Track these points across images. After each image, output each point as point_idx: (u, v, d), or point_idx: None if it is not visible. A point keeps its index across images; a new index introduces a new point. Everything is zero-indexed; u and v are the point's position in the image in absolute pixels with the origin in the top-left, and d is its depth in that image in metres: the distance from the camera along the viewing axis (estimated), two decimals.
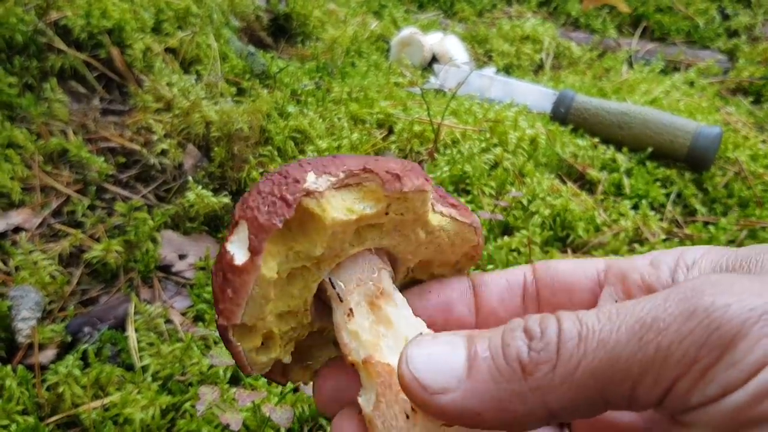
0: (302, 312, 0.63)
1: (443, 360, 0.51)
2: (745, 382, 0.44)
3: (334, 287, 0.61)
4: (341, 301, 0.61)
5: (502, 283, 0.65)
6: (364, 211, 0.59)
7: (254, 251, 0.55)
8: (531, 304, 0.64)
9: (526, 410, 0.48)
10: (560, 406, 0.48)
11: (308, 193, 0.56)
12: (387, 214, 0.60)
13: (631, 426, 0.60)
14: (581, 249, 1.58)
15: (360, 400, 0.58)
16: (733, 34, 2.82)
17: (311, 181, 0.56)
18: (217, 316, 0.59)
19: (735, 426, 0.45)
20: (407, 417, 0.55)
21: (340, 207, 0.58)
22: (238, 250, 0.56)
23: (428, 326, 0.61)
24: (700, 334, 0.45)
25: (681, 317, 0.45)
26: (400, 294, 0.62)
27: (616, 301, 0.54)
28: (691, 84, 2.37)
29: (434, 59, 2.34)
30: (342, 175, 0.57)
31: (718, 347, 0.44)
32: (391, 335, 0.59)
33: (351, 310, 0.60)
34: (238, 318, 0.57)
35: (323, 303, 0.64)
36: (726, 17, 2.87)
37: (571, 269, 0.63)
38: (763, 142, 1.98)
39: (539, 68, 2.52)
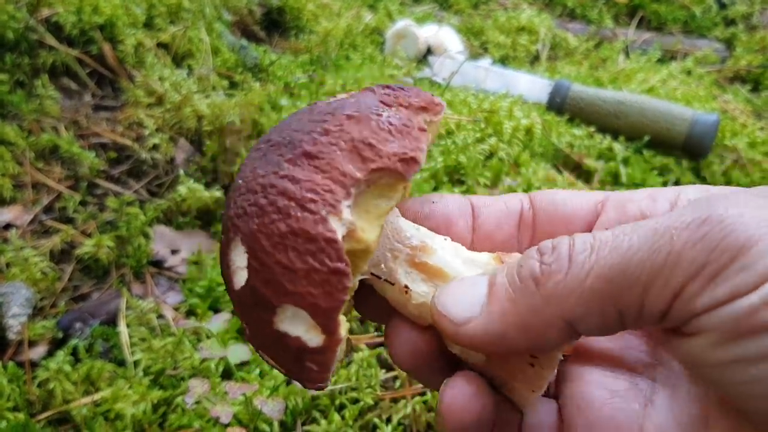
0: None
1: (467, 294, 0.53)
2: (756, 287, 0.43)
3: (379, 277, 0.58)
4: (392, 284, 0.57)
5: (500, 206, 0.64)
6: (389, 205, 0.55)
7: (330, 331, 0.50)
8: (526, 232, 0.63)
9: (544, 322, 0.49)
10: (575, 315, 0.48)
11: (346, 238, 0.51)
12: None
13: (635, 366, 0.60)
14: None
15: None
16: (730, 22, 2.80)
17: (340, 228, 0.50)
18: (288, 375, 0.55)
19: (742, 331, 0.44)
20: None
21: (373, 222, 0.54)
22: (300, 331, 0.51)
23: None
24: (712, 239, 0.44)
25: (694, 224, 0.45)
26: (425, 230, 0.59)
27: None
28: (689, 73, 2.36)
29: (429, 51, 2.32)
30: (355, 190, 0.51)
31: (729, 251, 0.44)
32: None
33: (405, 286, 0.57)
34: (329, 378, 0.54)
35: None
36: (723, 6, 2.85)
37: (569, 197, 0.62)
38: (761, 129, 1.96)
39: (535, 59, 2.50)
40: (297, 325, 0.51)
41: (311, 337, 0.51)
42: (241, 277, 0.52)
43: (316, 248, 0.49)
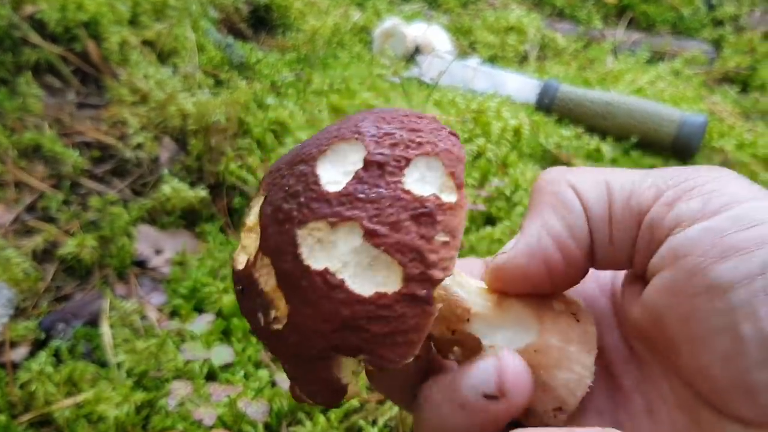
0: None
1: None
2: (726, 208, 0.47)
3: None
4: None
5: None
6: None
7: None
8: None
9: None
10: None
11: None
12: None
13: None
14: None
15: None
16: (718, 24, 2.80)
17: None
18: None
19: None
20: None
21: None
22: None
23: None
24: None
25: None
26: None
27: None
28: (677, 74, 2.36)
29: (418, 50, 2.31)
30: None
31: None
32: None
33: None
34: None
35: None
36: (711, 7, 2.85)
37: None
38: (749, 131, 1.96)
39: (524, 59, 2.50)
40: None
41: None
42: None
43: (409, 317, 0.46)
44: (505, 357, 0.50)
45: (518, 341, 0.54)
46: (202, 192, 1.58)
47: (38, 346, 1.31)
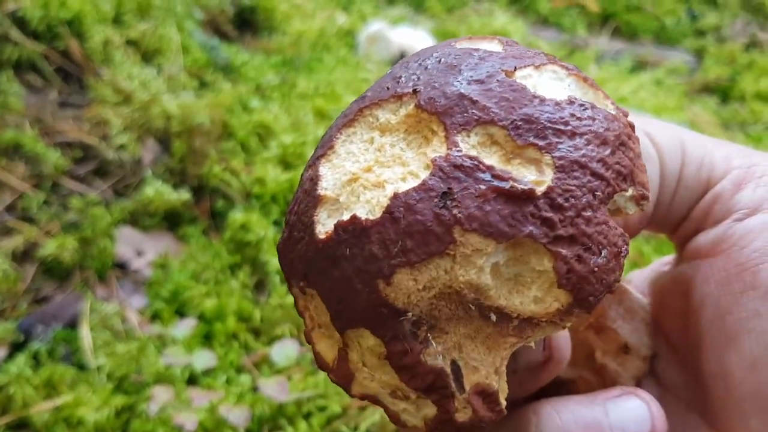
0: None
1: None
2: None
3: None
4: None
5: None
6: None
7: None
8: None
9: None
10: None
11: None
12: None
13: None
14: None
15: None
16: (700, 34, 2.83)
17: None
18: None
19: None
20: None
21: None
22: None
23: None
24: None
25: None
26: None
27: None
28: (659, 83, 2.38)
29: (403, 55, 2.31)
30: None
31: None
32: None
33: None
34: None
35: None
36: (694, 18, 2.88)
37: None
38: (729, 141, 1.98)
39: None
40: None
41: None
42: None
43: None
44: (653, 404, 0.47)
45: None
46: (185, 194, 1.57)
47: (16, 348, 1.29)
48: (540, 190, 0.39)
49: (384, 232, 0.39)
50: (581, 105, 0.42)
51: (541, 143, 0.40)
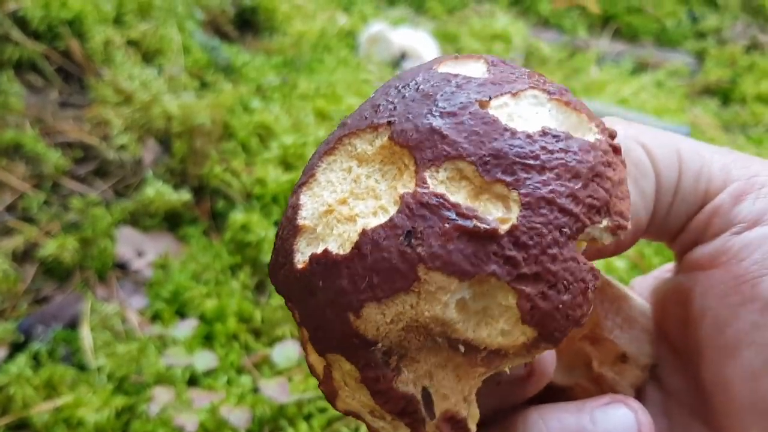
0: None
1: None
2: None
3: None
4: None
5: None
6: None
7: None
8: None
9: None
10: None
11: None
12: None
13: None
14: None
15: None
16: (701, 36, 2.83)
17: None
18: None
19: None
20: None
21: None
22: None
23: None
24: None
25: None
26: None
27: None
28: (660, 85, 2.38)
29: (404, 56, 2.31)
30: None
31: None
32: None
33: None
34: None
35: None
36: (695, 20, 2.88)
37: None
38: (730, 144, 1.98)
39: None
40: None
41: None
42: None
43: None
44: (641, 413, 0.47)
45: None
46: (185, 195, 1.56)
47: (17, 348, 1.29)
48: (504, 228, 0.39)
49: (353, 267, 0.40)
50: (555, 136, 0.42)
51: (508, 179, 0.40)
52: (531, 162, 0.40)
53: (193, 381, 1.22)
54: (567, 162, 0.41)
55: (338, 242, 0.42)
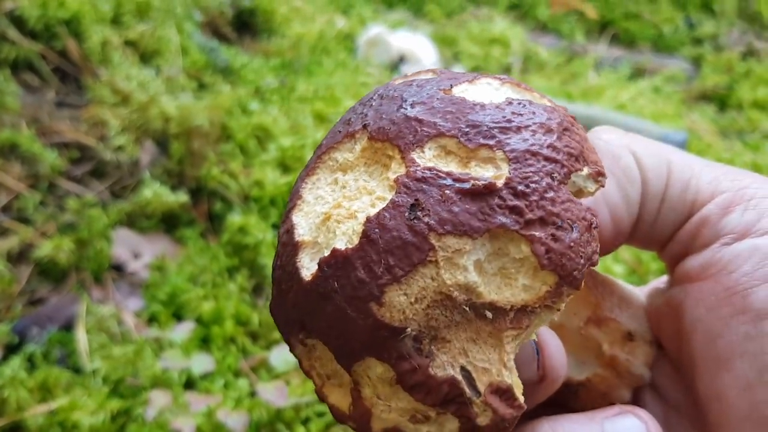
0: None
1: None
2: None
3: None
4: None
5: None
6: None
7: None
8: None
9: None
10: None
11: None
12: None
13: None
14: None
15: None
16: (698, 42, 2.84)
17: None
18: None
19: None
20: None
21: None
22: None
23: None
24: None
25: None
26: None
27: None
28: (657, 91, 2.38)
29: (402, 59, 2.31)
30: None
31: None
32: None
33: None
34: None
35: None
36: (691, 26, 2.89)
37: None
38: (727, 149, 1.99)
39: (507, 71, 2.51)
40: None
41: None
42: None
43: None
44: (650, 423, 0.47)
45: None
46: (182, 196, 1.55)
47: (11, 350, 1.28)
48: (500, 182, 0.41)
49: (365, 255, 0.40)
50: (519, 103, 0.45)
51: (491, 142, 0.42)
52: (506, 125, 0.43)
53: (189, 384, 1.21)
54: (538, 120, 0.44)
55: (344, 239, 0.42)
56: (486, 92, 0.47)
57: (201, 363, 1.21)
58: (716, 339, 0.46)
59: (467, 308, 0.41)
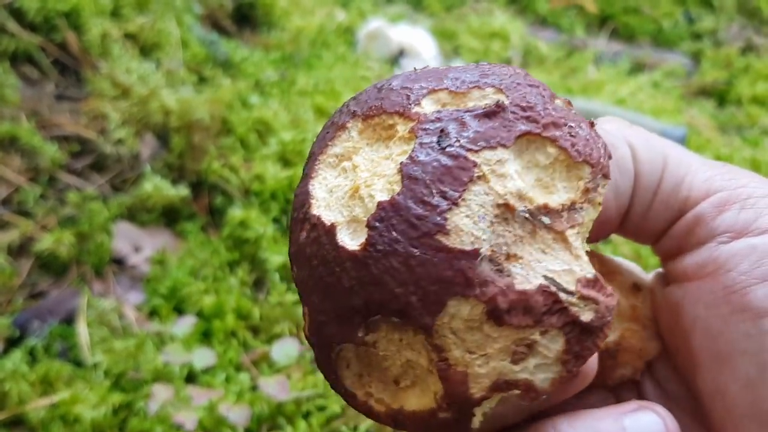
0: None
1: None
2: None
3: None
4: None
5: None
6: None
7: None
8: None
9: None
10: None
11: None
12: None
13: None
14: None
15: None
16: (697, 37, 2.84)
17: None
18: None
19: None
20: None
21: None
22: None
23: None
24: None
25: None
26: None
27: None
28: (657, 86, 2.38)
29: (402, 53, 2.31)
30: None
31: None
32: None
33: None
34: None
35: None
36: (691, 21, 2.89)
37: None
38: (726, 145, 1.99)
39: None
40: None
41: None
42: None
43: None
44: (668, 419, 0.47)
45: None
46: (183, 190, 1.55)
47: (12, 343, 1.28)
48: (506, 101, 0.44)
49: (415, 192, 0.40)
50: (486, 64, 0.48)
51: (480, 82, 0.45)
52: (488, 72, 0.47)
53: (191, 378, 1.21)
54: (507, 73, 0.47)
55: (384, 193, 0.42)
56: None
57: (202, 357, 1.21)
58: (716, 337, 0.46)
59: (526, 215, 0.42)
